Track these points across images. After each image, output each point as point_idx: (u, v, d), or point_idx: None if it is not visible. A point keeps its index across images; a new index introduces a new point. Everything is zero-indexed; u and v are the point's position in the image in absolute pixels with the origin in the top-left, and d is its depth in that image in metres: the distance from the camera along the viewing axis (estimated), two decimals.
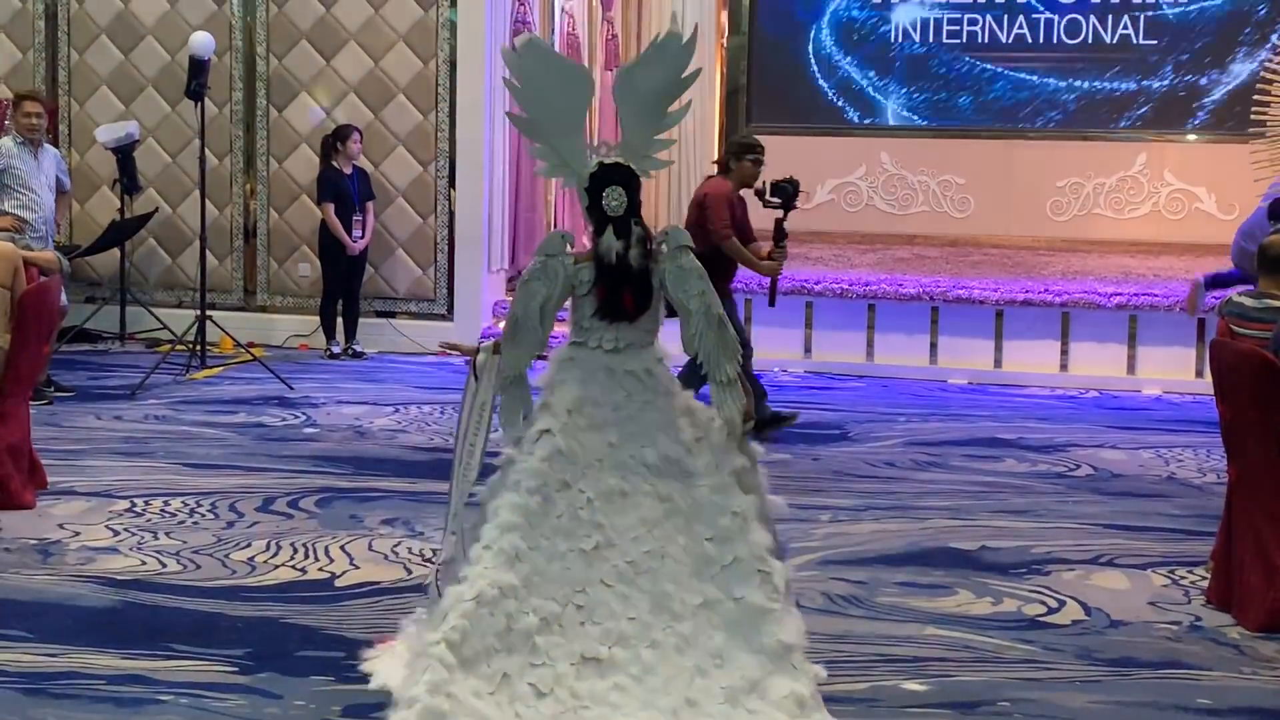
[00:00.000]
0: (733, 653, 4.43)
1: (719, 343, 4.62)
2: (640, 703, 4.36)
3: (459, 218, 12.13)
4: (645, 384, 4.67)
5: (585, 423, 4.64)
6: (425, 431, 8.97)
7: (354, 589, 5.85)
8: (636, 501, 4.57)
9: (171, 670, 4.91)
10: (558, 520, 4.52)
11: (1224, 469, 6.17)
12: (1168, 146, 15.63)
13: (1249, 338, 5.84)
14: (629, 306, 4.66)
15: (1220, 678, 5.05)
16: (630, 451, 4.61)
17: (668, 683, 4.39)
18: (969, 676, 5.01)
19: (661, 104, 4.72)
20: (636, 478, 4.59)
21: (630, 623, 4.45)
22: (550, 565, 4.46)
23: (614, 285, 4.66)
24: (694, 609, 4.48)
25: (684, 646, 4.44)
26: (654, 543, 4.53)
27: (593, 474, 4.58)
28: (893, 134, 16.36)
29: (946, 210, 16.18)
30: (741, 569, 4.50)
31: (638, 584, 4.49)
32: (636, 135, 4.74)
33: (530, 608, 4.39)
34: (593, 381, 4.68)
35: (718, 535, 4.53)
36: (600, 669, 4.39)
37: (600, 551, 4.50)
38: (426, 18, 12.09)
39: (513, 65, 4.82)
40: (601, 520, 4.53)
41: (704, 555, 4.53)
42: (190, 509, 7.00)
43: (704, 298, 4.63)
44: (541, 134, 4.79)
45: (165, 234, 12.65)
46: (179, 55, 11.92)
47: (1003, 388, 10.92)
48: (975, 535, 6.79)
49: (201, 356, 10.81)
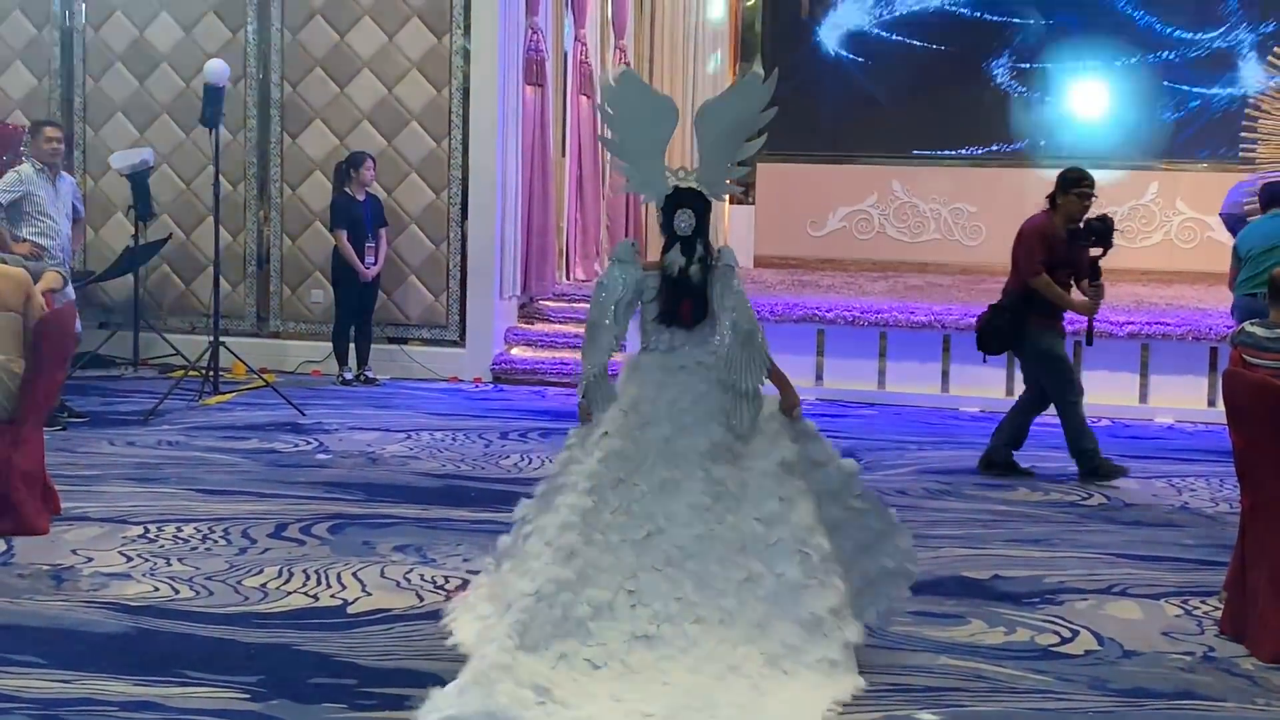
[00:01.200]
0: (773, 622, 5.00)
1: (745, 356, 5.16)
2: (687, 669, 4.87)
3: (471, 244, 12.16)
4: (697, 376, 5.25)
5: (640, 420, 5.21)
6: (437, 458, 8.97)
7: (366, 616, 5.84)
8: (688, 488, 5.12)
9: (184, 697, 4.91)
10: (611, 516, 5.07)
11: (1237, 499, 6.16)
12: (1180, 175, 15.66)
13: (1262, 368, 5.83)
14: (685, 315, 5.26)
15: (1234, 709, 5.04)
16: (684, 442, 5.17)
17: (712, 652, 4.92)
18: (982, 706, 5.00)
19: (738, 137, 5.33)
20: (690, 465, 5.15)
21: (677, 603, 4.99)
22: (603, 557, 5.00)
23: (674, 295, 5.25)
24: (738, 584, 5.03)
25: (728, 620, 4.98)
26: (702, 526, 5.08)
27: (646, 468, 5.15)
28: (904, 162, 16.40)
29: (958, 238, 16.20)
30: (783, 548, 5.08)
31: (685, 566, 5.03)
32: (713, 164, 5.35)
33: (585, 598, 4.92)
34: (649, 381, 5.27)
35: (764, 517, 5.11)
36: (650, 644, 4.91)
37: (651, 539, 5.06)
38: (440, 45, 12.14)
39: (609, 94, 5.42)
40: (653, 509, 5.09)
41: (751, 534, 5.10)
42: (203, 535, 7.00)
43: (736, 314, 5.20)
44: (628, 155, 5.43)
45: (179, 260, 12.70)
46: (194, 82, 11.99)
47: None
48: (988, 564, 6.77)
49: (214, 382, 10.83)
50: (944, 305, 11.96)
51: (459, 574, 6.41)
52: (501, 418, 10.47)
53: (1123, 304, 12.53)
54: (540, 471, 8.65)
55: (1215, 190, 15.00)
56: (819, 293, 12.75)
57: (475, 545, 6.89)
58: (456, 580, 6.31)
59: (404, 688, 5.00)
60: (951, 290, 13.59)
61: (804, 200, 15.75)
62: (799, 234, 15.97)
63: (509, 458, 9.05)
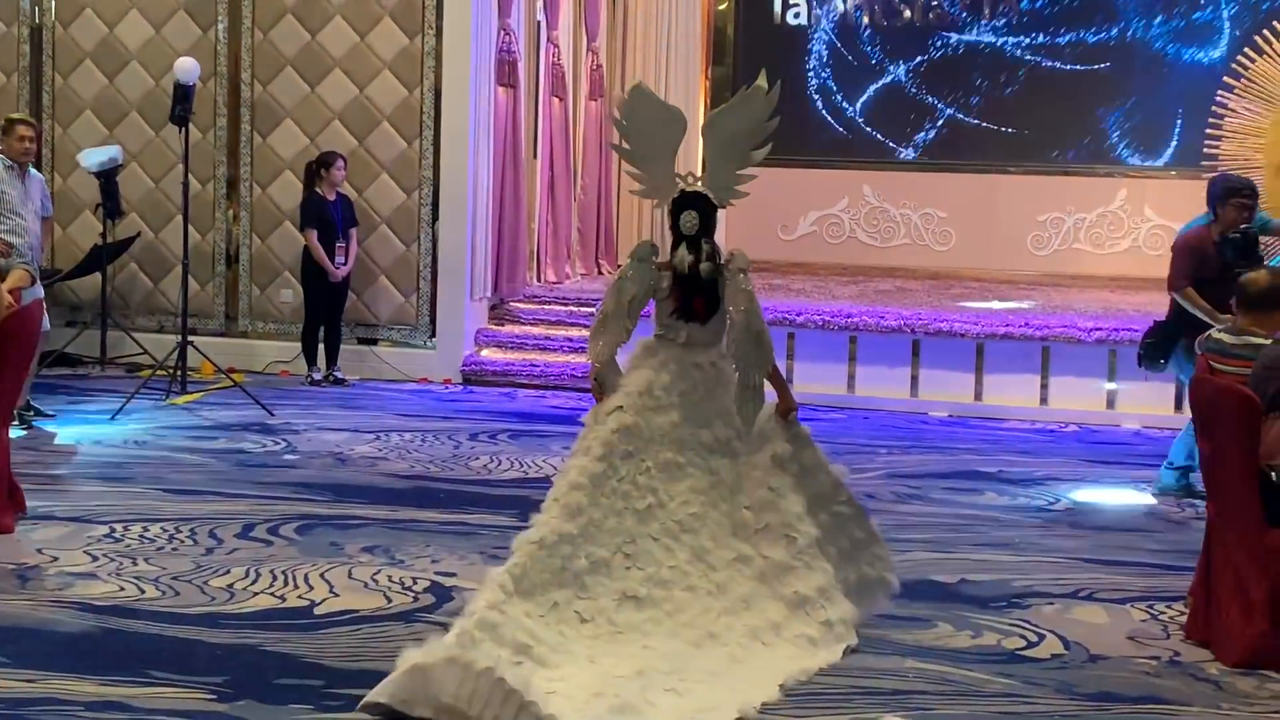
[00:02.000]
0: (759, 600, 5.41)
1: (753, 354, 5.59)
2: (667, 633, 5.24)
3: (442, 245, 12.14)
4: (710, 375, 5.65)
5: (653, 404, 5.57)
6: (406, 459, 8.95)
7: (333, 617, 5.83)
8: (689, 473, 5.54)
9: (150, 697, 4.89)
10: (617, 483, 5.44)
11: (1203, 504, 6.20)
12: (1148, 182, 15.75)
13: (1229, 374, 5.87)
14: (699, 310, 5.61)
15: (1198, 713, 5.07)
16: (689, 431, 5.57)
17: (695, 619, 5.30)
18: (949, 709, 5.01)
19: (743, 145, 5.68)
20: (691, 453, 5.56)
21: (670, 570, 5.38)
22: (606, 519, 5.37)
23: (687, 291, 5.60)
24: (728, 562, 5.45)
25: (716, 592, 5.39)
26: (699, 507, 5.50)
27: (654, 447, 5.53)
28: (875, 166, 16.45)
29: (928, 243, 16.27)
30: (771, 533, 5.51)
31: (681, 539, 5.44)
32: (719, 170, 5.71)
33: (584, 553, 5.28)
34: (665, 370, 5.62)
35: (755, 505, 5.55)
36: (638, 605, 5.29)
37: (652, 511, 5.45)
38: (411, 46, 12.11)
39: (622, 106, 5.85)
40: (657, 486, 5.48)
41: (741, 520, 5.53)
42: (170, 535, 6.97)
43: (747, 314, 5.58)
44: (640, 162, 5.83)
45: (147, 259, 12.64)
46: (163, 80, 11.94)
47: (983, 421, 10.94)
48: (955, 568, 6.80)
49: (182, 382, 10.78)
50: (913, 310, 11.99)
51: (427, 575, 6.40)
52: (471, 419, 10.46)
53: (1091, 310, 12.61)
54: (511, 473, 8.66)
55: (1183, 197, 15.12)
56: (789, 296, 12.77)
57: (444, 547, 6.88)
58: (425, 582, 6.30)
59: (370, 689, 4.97)
60: (921, 295, 13.64)
61: (775, 204, 15.73)
62: (770, 238, 15.99)
63: (478, 459, 9.04)
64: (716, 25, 16.70)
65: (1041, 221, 15.91)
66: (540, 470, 8.74)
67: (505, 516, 7.52)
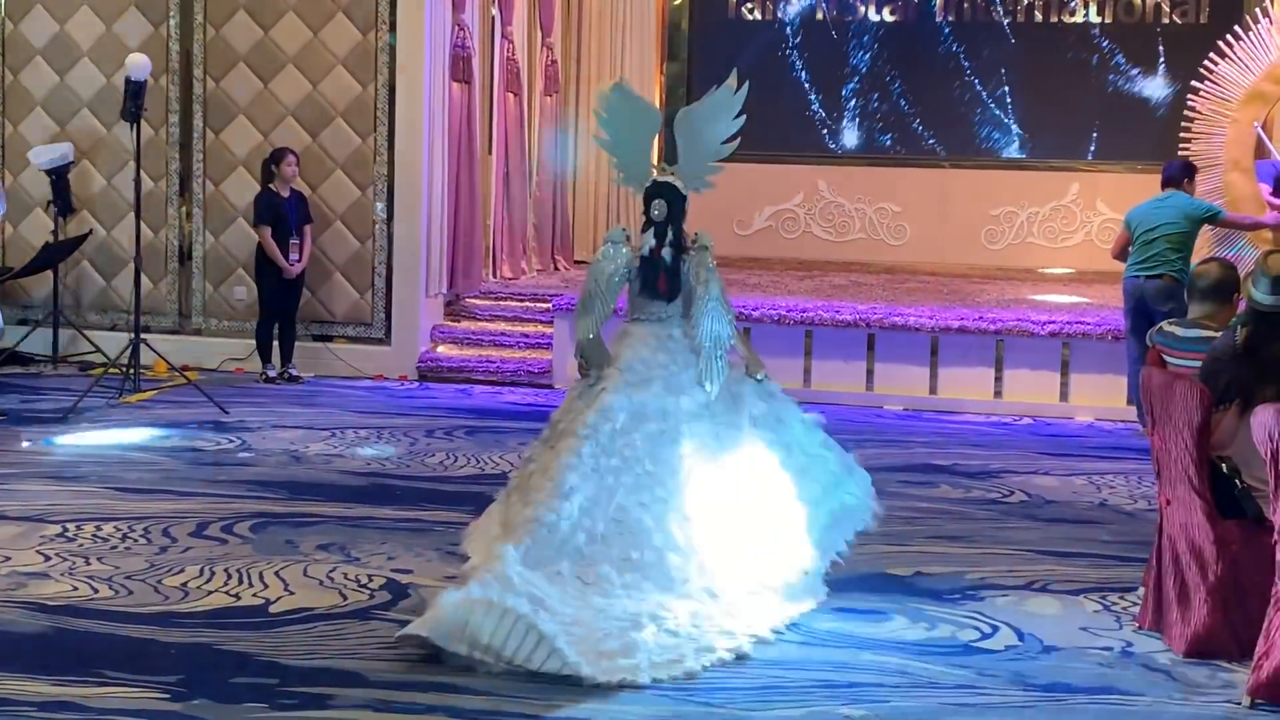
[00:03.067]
0: (744, 553, 5.83)
1: (716, 323, 6.04)
2: (662, 589, 5.62)
3: (397, 242, 12.10)
4: (682, 346, 6.09)
5: (635, 379, 6.00)
6: (361, 456, 8.92)
7: (288, 615, 5.80)
8: (673, 439, 5.92)
9: (103, 697, 4.86)
10: (606, 460, 5.81)
11: (1155, 495, 6.24)
12: (1100, 176, 15.86)
13: (1179, 366, 5.91)
14: (663, 288, 6.10)
15: (1151, 703, 5.10)
16: (671, 400, 5.99)
17: (687, 575, 5.69)
18: (904, 702, 5.04)
19: (713, 139, 6.16)
20: (675, 421, 5.96)
21: (660, 534, 5.74)
22: (599, 494, 5.75)
23: (650, 272, 6.09)
24: (715, 521, 5.83)
25: (704, 550, 5.75)
26: (684, 472, 5.86)
27: (639, 421, 5.92)
28: (830, 162, 16.50)
29: (883, 238, 16.33)
30: (753, 491, 5.95)
31: (670, 504, 5.80)
32: (690, 162, 6.21)
33: (582, 528, 5.68)
34: (643, 345, 6.09)
35: (736, 465, 5.96)
36: (634, 565, 5.67)
37: (640, 481, 5.81)
38: (365, 41, 12.07)
39: (602, 102, 6.33)
40: (643, 456, 5.85)
41: (725, 480, 5.93)
42: (123, 534, 6.93)
43: (709, 286, 6.07)
44: (619, 153, 6.35)
45: (99, 256, 12.55)
46: (115, 77, 11.85)
47: (938, 414, 10.99)
48: (911, 561, 6.82)
49: (135, 380, 10.71)
50: (869, 304, 12.03)
51: (383, 573, 6.38)
52: (427, 416, 10.43)
53: (1044, 303, 12.68)
54: (467, 469, 8.64)
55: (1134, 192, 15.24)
56: (745, 291, 12.79)
57: (400, 544, 6.86)
58: (381, 579, 6.28)
59: (326, 687, 4.98)
60: (876, 289, 13.69)
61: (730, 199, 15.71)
62: (725, 233, 15.96)
63: (434, 456, 9.01)
64: (671, 20, 16.71)
65: (995, 216, 16.00)
66: (497, 466, 8.72)
67: (461, 513, 7.49)
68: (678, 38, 16.73)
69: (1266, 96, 11.69)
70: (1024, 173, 16.02)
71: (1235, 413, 5.58)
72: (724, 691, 5.07)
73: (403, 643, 5.26)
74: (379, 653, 5.36)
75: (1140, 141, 15.37)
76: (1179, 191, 9.98)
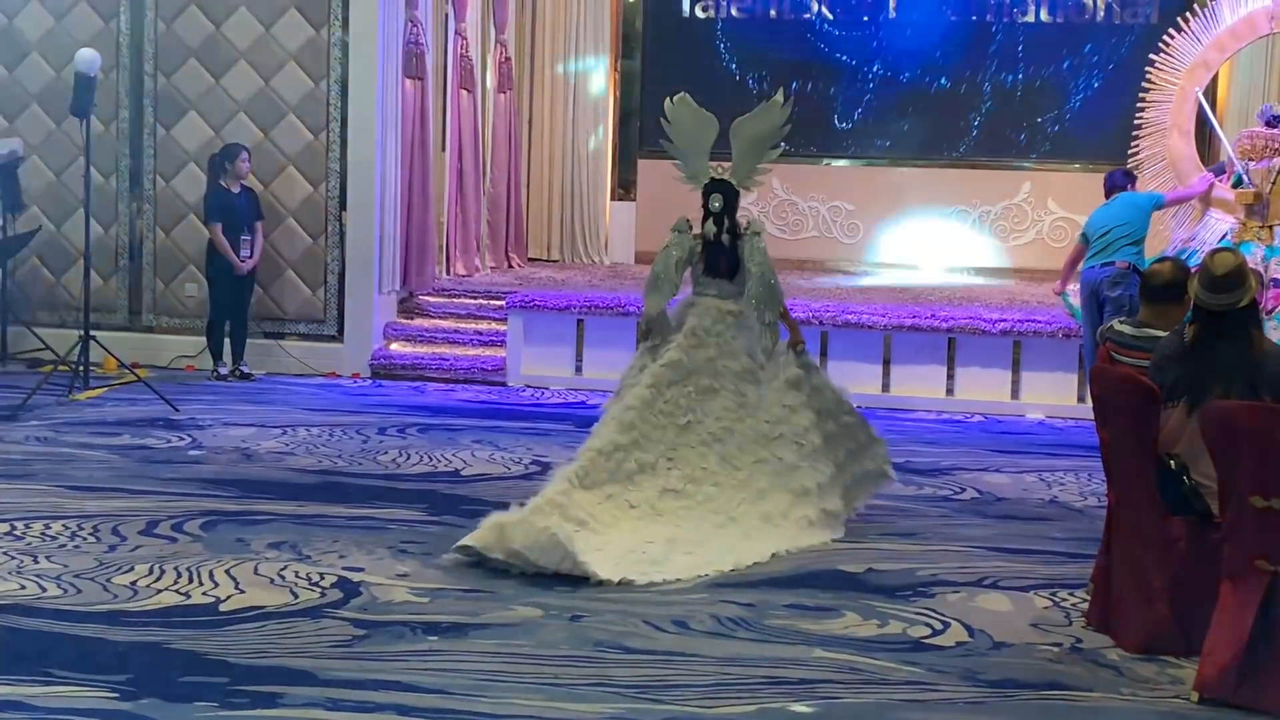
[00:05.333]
0: (772, 492, 7.01)
1: (766, 297, 7.24)
2: (697, 517, 6.83)
3: (350, 238, 12.05)
4: (737, 318, 7.30)
5: (695, 342, 7.23)
6: (314, 454, 8.89)
7: (239, 614, 5.78)
8: (722, 395, 7.16)
9: (51, 696, 4.83)
10: (664, 405, 7.07)
11: (1104, 493, 6.29)
12: (1051, 175, 15.96)
13: (1128, 364, 5.96)
14: (724, 268, 7.33)
15: (1100, 699, 5.14)
16: (724, 362, 7.21)
17: (720, 507, 6.90)
18: (855, 698, 5.06)
19: (762, 145, 7.43)
20: (724, 379, 7.19)
21: (703, 471, 7.00)
22: (653, 432, 7.01)
23: (713, 254, 7.34)
24: (750, 464, 7.06)
25: (739, 487, 6.99)
26: (729, 421, 7.11)
27: (695, 376, 7.17)
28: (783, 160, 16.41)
29: (836, 236, 16.37)
30: (785, 441, 7.12)
31: (713, 447, 7.06)
32: (742, 163, 7.44)
33: (634, 459, 6.92)
34: (706, 316, 7.29)
35: (772, 419, 7.14)
36: (676, 496, 6.90)
37: (690, 426, 7.07)
38: (318, 37, 12.02)
39: (668, 112, 7.51)
40: (695, 406, 7.11)
41: (762, 431, 7.13)
42: (72, 532, 6.88)
43: (761, 266, 7.26)
44: (681, 157, 7.52)
45: (49, 253, 12.44)
46: (65, 72, 11.74)
47: (890, 412, 11.01)
48: (862, 558, 6.85)
49: (85, 377, 10.63)
50: (822, 302, 12.07)
51: (335, 571, 6.36)
52: (380, 413, 10.40)
53: (995, 302, 12.75)
54: (419, 467, 8.62)
55: (1085, 191, 15.35)
56: None
57: (351, 542, 6.84)
58: (332, 577, 6.26)
59: (277, 685, 4.96)
60: (829, 288, 13.72)
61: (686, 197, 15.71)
62: None
63: (387, 453, 8.99)
64: (625, 18, 16.69)
65: (948, 214, 16.08)
66: (449, 464, 8.70)
67: (414, 511, 7.49)
68: (632, 34, 16.72)
69: (1210, 64, 12.03)
70: (976, 171, 16.10)
71: (1183, 411, 5.63)
72: (675, 689, 5.07)
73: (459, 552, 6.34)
74: (330, 651, 5.34)
75: (1093, 141, 15.47)
76: (1124, 191, 10.29)
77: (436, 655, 5.36)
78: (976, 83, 16.13)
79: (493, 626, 5.69)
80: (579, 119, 16.24)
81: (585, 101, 16.27)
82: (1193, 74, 11.87)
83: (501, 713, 4.82)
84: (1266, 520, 4.98)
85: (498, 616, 5.81)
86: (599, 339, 11.84)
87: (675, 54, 16.48)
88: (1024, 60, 16.06)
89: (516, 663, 5.29)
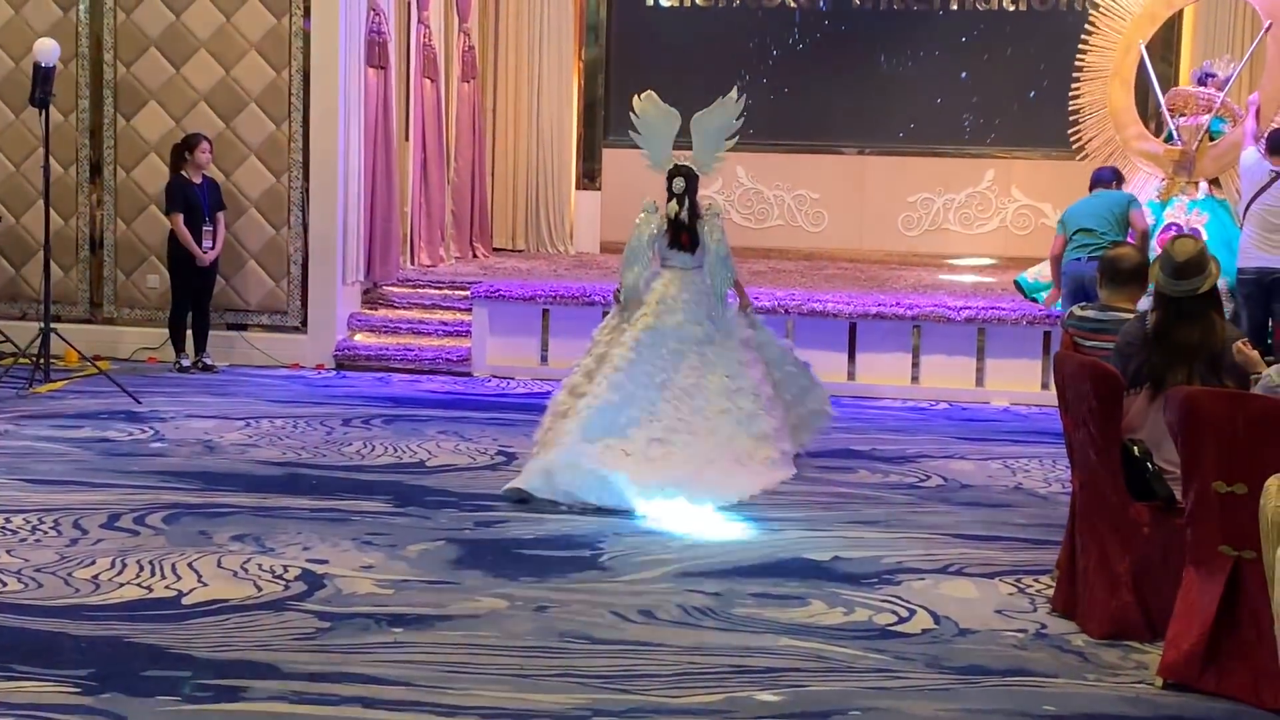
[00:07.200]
0: (738, 438, 8.07)
1: (721, 270, 8.34)
2: (681, 460, 7.81)
3: (313, 229, 11.99)
4: (700, 288, 8.34)
5: (665, 309, 8.24)
6: (277, 446, 8.84)
7: (202, 607, 5.74)
8: (689, 356, 8.20)
9: (11, 692, 4.79)
10: (644, 366, 8.04)
11: (1068, 479, 6.31)
12: (1014, 163, 16.01)
13: (1092, 349, 5.97)
14: (685, 242, 8.36)
15: (1065, 684, 5.16)
16: (690, 327, 8.24)
17: (698, 452, 7.89)
18: (821, 686, 5.06)
19: (719, 135, 8.48)
20: (690, 342, 8.23)
21: (680, 421, 7.99)
22: (637, 391, 7.97)
23: (676, 230, 8.35)
24: (717, 413, 8.10)
25: (709, 433, 8.01)
26: (696, 378, 8.15)
27: (667, 339, 8.16)
28: (748, 148, 16.42)
29: (801, 224, 16.40)
30: (743, 393, 8.21)
31: (686, 401, 8.07)
32: (701, 151, 8.49)
33: (624, 414, 7.89)
34: (673, 284, 8.34)
35: (731, 374, 8.23)
36: (661, 444, 7.87)
37: (666, 383, 8.07)
38: (279, 26, 11.93)
39: (636, 108, 8.58)
40: (668, 365, 8.11)
41: (724, 385, 8.19)
42: (32, 526, 6.83)
43: (719, 242, 8.36)
44: (648, 147, 8.57)
45: (8, 244, 12.34)
46: (23, 62, 11.64)
47: (856, 399, 11.03)
48: (828, 546, 6.86)
49: (45, 370, 10.54)
50: (787, 290, 12.07)
51: (298, 563, 6.33)
52: (344, 404, 10.35)
53: (960, 289, 12.78)
54: (384, 458, 8.58)
55: (1048, 178, 15.44)
56: None
57: (315, 534, 6.81)
58: (296, 570, 6.23)
59: (240, 679, 4.93)
60: (795, 275, 13.74)
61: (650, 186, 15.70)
62: None
63: (351, 445, 8.95)
64: (589, 7, 16.63)
65: (911, 202, 16.13)
66: (414, 455, 8.68)
67: (379, 502, 7.46)
68: (596, 23, 16.67)
69: (1156, 18, 12.15)
70: (940, 159, 16.14)
71: (1146, 396, 5.66)
72: (641, 679, 5.07)
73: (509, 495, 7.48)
74: (293, 644, 5.32)
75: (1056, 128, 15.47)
76: (1106, 190, 10.30)
77: (401, 647, 5.34)
78: (940, 69, 16.16)
79: (458, 618, 5.68)
80: (543, 108, 16.19)
81: (549, 91, 16.21)
82: (1138, 25, 11.96)
83: (467, 704, 4.81)
84: (1229, 505, 4.99)
85: (463, 608, 5.80)
86: (564, 329, 11.80)
87: (640, 43, 16.46)
88: (988, 46, 16.08)
89: (482, 654, 5.27)
